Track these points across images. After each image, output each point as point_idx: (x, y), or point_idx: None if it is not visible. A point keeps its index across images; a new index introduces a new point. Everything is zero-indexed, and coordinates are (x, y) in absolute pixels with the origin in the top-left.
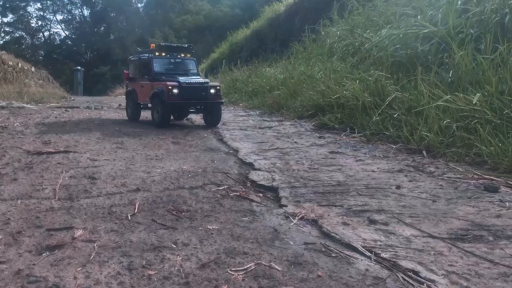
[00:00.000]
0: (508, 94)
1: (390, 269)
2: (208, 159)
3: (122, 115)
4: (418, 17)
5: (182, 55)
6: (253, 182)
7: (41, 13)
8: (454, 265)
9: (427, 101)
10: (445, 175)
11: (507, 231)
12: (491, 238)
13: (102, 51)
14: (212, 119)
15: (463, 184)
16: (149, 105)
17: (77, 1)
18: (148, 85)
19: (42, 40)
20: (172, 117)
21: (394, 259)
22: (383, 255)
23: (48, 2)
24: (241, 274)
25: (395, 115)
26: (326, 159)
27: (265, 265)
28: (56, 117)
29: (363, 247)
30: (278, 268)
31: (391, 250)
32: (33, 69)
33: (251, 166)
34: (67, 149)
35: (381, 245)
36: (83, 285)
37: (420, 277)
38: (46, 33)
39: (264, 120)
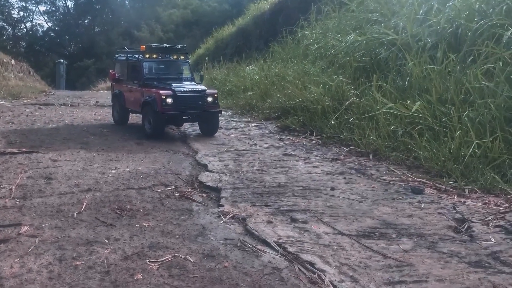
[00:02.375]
0: (451, 102)
1: (291, 261)
2: (165, 160)
3: (95, 113)
4: (382, 24)
5: (175, 56)
6: (200, 183)
7: (23, 4)
8: (349, 258)
9: (380, 107)
10: (382, 178)
11: (411, 229)
12: (394, 235)
13: (86, 44)
14: (209, 128)
15: (395, 186)
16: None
17: None
18: (138, 91)
19: (24, 32)
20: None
21: (298, 253)
22: (290, 249)
23: None
24: (157, 265)
25: (350, 120)
26: (278, 161)
27: (181, 257)
28: (27, 115)
29: (275, 242)
30: (192, 260)
31: (299, 245)
32: (13, 61)
33: (204, 167)
34: (31, 149)
35: (292, 240)
36: (17, 273)
37: (315, 268)
38: (28, 24)
39: (233, 121)
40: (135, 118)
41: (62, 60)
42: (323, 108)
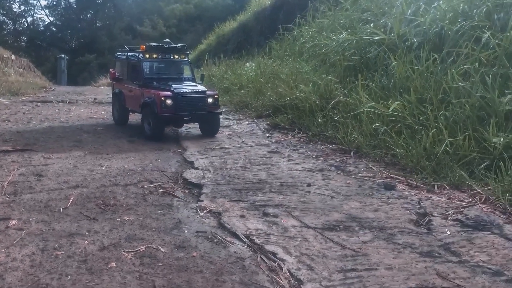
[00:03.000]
0: (430, 102)
1: (255, 251)
2: (154, 158)
3: (92, 110)
4: (372, 24)
5: (176, 56)
6: (184, 179)
7: None
8: (310, 249)
9: (363, 106)
10: (359, 174)
11: (373, 223)
12: (356, 228)
13: (88, 39)
14: (209, 129)
15: (369, 182)
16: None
17: None
18: (138, 91)
19: (25, 26)
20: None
21: (263, 244)
22: (256, 241)
23: None
24: (130, 254)
25: (336, 118)
26: (262, 158)
27: (153, 248)
28: (24, 113)
29: (244, 234)
30: (163, 250)
31: (266, 237)
32: (13, 57)
33: (191, 164)
34: (25, 147)
35: (260, 233)
36: (2, 261)
37: (276, 257)
38: (30, 19)
39: (226, 119)
40: (132, 116)
41: (63, 55)
42: (311, 107)
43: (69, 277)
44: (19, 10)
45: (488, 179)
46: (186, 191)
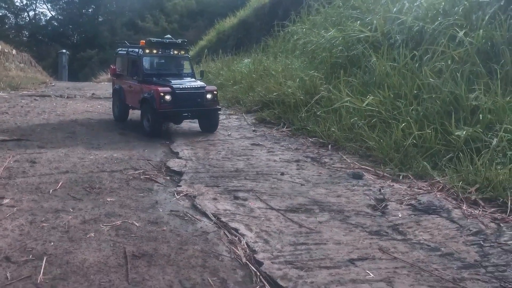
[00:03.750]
0: (405, 97)
1: (220, 227)
2: (142, 148)
3: (88, 105)
4: (358, 22)
5: (175, 52)
6: (167, 168)
7: None
8: (270, 227)
9: (343, 101)
10: (332, 165)
11: (334, 206)
12: (317, 211)
13: (90, 34)
14: (208, 125)
15: (340, 172)
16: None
17: None
18: (137, 87)
19: (26, 20)
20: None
21: (228, 222)
22: (222, 219)
23: None
24: (108, 227)
25: (318, 113)
26: (244, 150)
27: (129, 223)
28: (22, 107)
29: (213, 214)
30: (137, 225)
31: (232, 216)
32: (14, 51)
33: (176, 155)
34: (21, 137)
35: (227, 213)
36: None
37: (237, 233)
38: (31, 13)
39: None
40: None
41: (64, 51)
42: (296, 102)
43: (52, 243)
44: (21, 4)
45: (448, 169)
46: (168, 178)
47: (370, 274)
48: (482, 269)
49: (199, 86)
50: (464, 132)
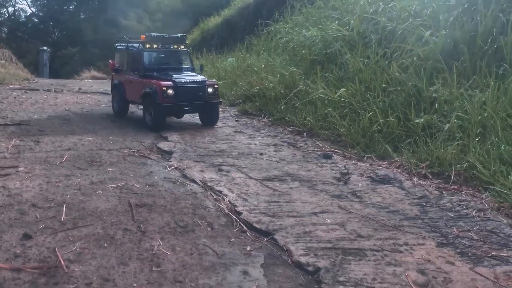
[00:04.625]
0: (374, 90)
1: (206, 189)
2: (133, 133)
3: (78, 98)
4: (336, 22)
5: (175, 46)
6: (159, 148)
7: None
8: (248, 190)
9: (317, 93)
10: (306, 149)
11: (304, 178)
12: (289, 180)
13: (71, 31)
14: (209, 119)
15: (312, 154)
16: (140, 107)
17: None
18: (138, 82)
19: (5, 16)
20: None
21: (213, 186)
22: (209, 184)
23: None
24: (112, 187)
25: (296, 105)
26: (227, 136)
27: (130, 185)
28: (15, 97)
29: (200, 180)
30: (137, 186)
31: (217, 182)
32: None
33: (165, 138)
34: (21, 122)
35: (212, 180)
36: (19, 187)
37: (221, 194)
38: (11, 9)
39: None
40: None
41: (45, 48)
42: (276, 95)
43: (68, 196)
44: None
45: (406, 151)
46: (159, 156)
47: (328, 220)
48: (420, 221)
49: (200, 80)
50: (422, 120)
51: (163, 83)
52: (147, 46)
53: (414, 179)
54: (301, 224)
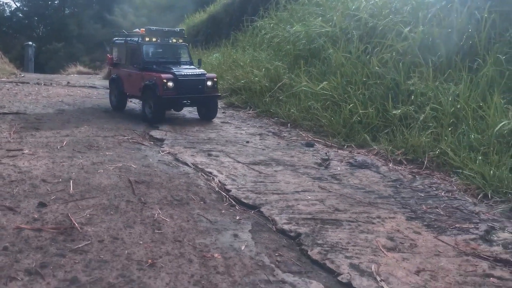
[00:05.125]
0: (355, 83)
1: (197, 171)
2: (125, 123)
3: (68, 90)
4: (320, 18)
5: (174, 40)
6: (151, 136)
7: None
8: (236, 172)
9: (300, 85)
10: (290, 138)
11: (287, 163)
12: (274, 164)
13: (56, 26)
14: (208, 113)
15: (296, 142)
16: (132, 100)
17: None
18: (138, 75)
19: None
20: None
21: (204, 168)
22: (199, 166)
23: None
24: (112, 167)
25: (280, 97)
26: (215, 126)
27: (127, 165)
28: (8, 89)
29: (192, 163)
30: (134, 167)
31: (207, 165)
32: None
33: (156, 127)
34: (19, 112)
35: (203, 163)
36: (27, 165)
37: (212, 175)
38: None
39: None
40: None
41: (30, 43)
42: (261, 88)
43: (73, 173)
44: None
45: (384, 140)
46: (152, 142)
47: (309, 197)
48: (393, 199)
49: (200, 73)
50: (399, 111)
51: (163, 75)
52: (147, 39)
53: (390, 165)
54: (285, 200)
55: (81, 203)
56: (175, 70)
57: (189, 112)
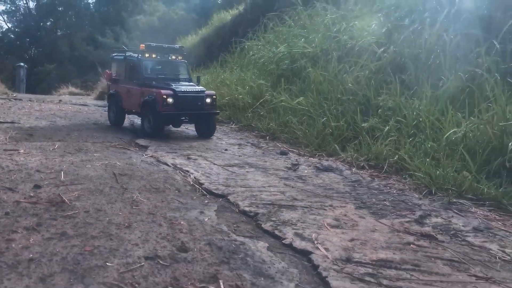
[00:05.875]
0: (330, 99)
1: (176, 169)
2: (113, 132)
3: (60, 107)
4: (303, 39)
5: (173, 57)
6: (136, 143)
7: None
8: (211, 172)
9: (280, 102)
10: (267, 148)
11: (260, 166)
12: (247, 167)
13: (48, 48)
14: (206, 130)
15: (272, 151)
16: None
17: None
18: (137, 91)
19: None
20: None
21: (182, 167)
22: (178, 166)
23: None
24: (99, 163)
25: (261, 113)
26: (198, 137)
27: (113, 163)
28: (1, 104)
29: (171, 163)
30: (119, 164)
31: (185, 165)
32: None
33: (142, 136)
34: (13, 121)
35: (182, 164)
36: (24, 160)
37: (189, 172)
38: None
39: None
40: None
41: (22, 64)
42: (244, 105)
43: (64, 166)
44: None
45: (351, 149)
46: (137, 148)
47: (272, 190)
48: (348, 194)
49: (199, 90)
50: (367, 123)
51: (163, 91)
52: (146, 55)
53: (353, 169)
54: (250, 191)
55: (70, 187)
56: (174, 86)
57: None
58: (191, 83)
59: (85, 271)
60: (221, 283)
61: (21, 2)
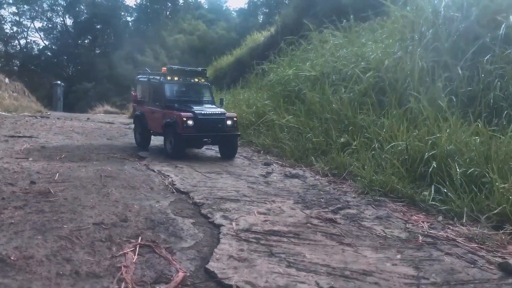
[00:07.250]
0: (319, 118)
1: (159, 174)
2: (121, 146)
3: (82, 124)
4: (308, 63)
5: (196, 79)
6: (137, 155)
7: (17, 18)
8: (189, 177)
9: (278, 121)
10: (256, 160)
11: (236, 174)
12: (224, 174)
13: (86, 66)
14: (228, 152)
15: (259, 163)
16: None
17: (59, 9)
18: (159, 113)
19: (17, 49)
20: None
21: (165, 172)
22: (162, 172)
23: (25, 6)
24: (92, 168)
25: (261, 130)
26: (198, 152)
27: (105, 168)
28: (27, 121)
29: (157, 170)
30: (110, 169)
31: (169, 171)
32: (6, 80)
33: (146, 150)
34: (32, 136)
35: (166, 170)
36: (28, 165)
37: (169, 176)
38: (23, 41)
39: None
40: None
41: (59, 82)
42: (248, 123)
43: (61, 170)
44: (11, 31)
45: (324, 161)
46: (136, 159)
47: (230, 189)
48: (296, 194)
49: (219, 112)
50: (342, 139)
51: (183, 114)
52: (168, 78)
53: (317, 176)
54: (211, 190)
55: (60, 184)
56: (195, 109)
57: None
58: (213, 106)
59: (47, 230)
60: (140, 238)
61: (58, 19)
